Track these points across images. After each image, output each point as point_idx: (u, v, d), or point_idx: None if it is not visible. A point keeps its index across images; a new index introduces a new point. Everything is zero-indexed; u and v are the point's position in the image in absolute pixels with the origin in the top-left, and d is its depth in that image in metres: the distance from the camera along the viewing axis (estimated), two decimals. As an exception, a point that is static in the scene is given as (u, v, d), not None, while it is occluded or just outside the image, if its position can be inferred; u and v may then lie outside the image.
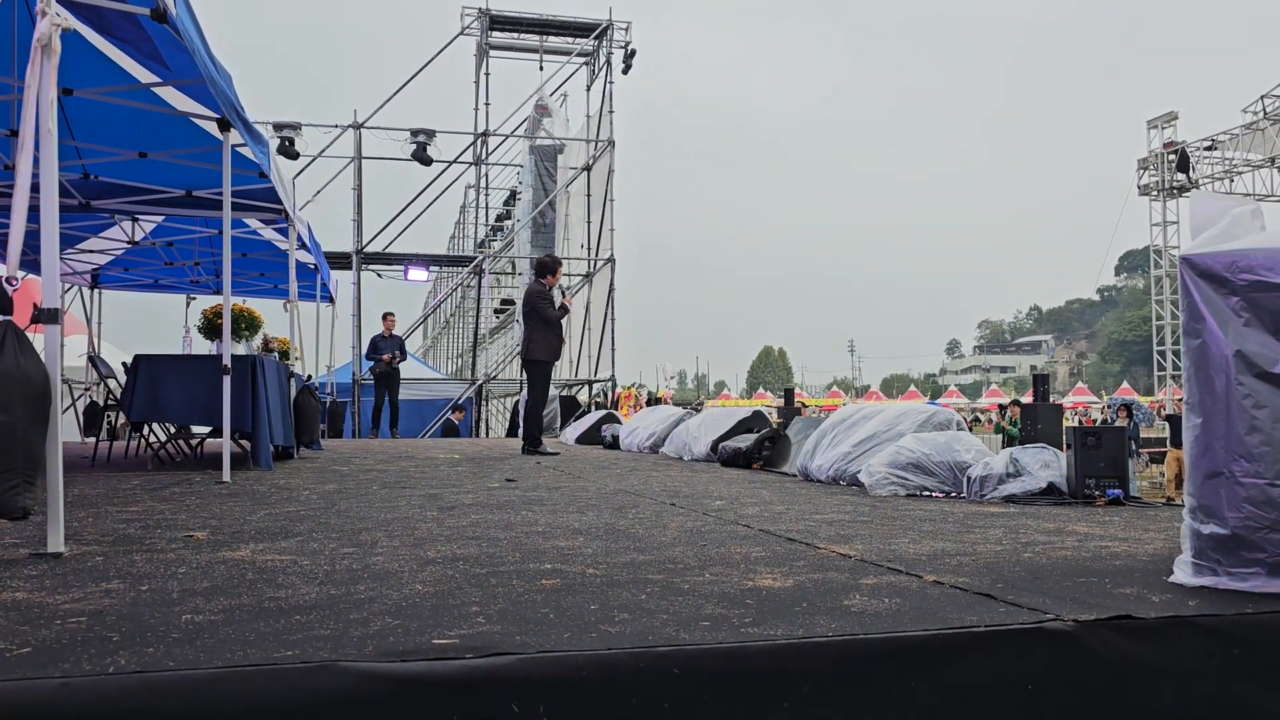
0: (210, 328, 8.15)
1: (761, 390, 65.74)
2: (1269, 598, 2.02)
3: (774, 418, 9.68)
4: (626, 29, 21.33)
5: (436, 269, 22.53)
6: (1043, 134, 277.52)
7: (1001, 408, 23.74)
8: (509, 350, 22.53)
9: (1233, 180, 29.62)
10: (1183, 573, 2.22)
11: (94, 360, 7.93)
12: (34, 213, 2.74)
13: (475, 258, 21.25)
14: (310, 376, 10.42)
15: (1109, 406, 24.46)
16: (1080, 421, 25.92)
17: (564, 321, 9.15)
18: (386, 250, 19.72)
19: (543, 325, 8.73)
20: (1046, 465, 4.57)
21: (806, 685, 1.61)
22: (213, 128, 5.66)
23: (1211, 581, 2.14)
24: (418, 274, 20.13)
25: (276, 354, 8.71)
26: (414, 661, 1.51)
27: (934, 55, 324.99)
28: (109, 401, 7.84)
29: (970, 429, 7.17)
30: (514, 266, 24.65)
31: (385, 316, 14.60)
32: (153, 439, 7.04)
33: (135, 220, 9.28)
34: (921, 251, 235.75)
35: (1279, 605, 1.95)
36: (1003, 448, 6.05)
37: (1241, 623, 1.87)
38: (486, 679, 1.50)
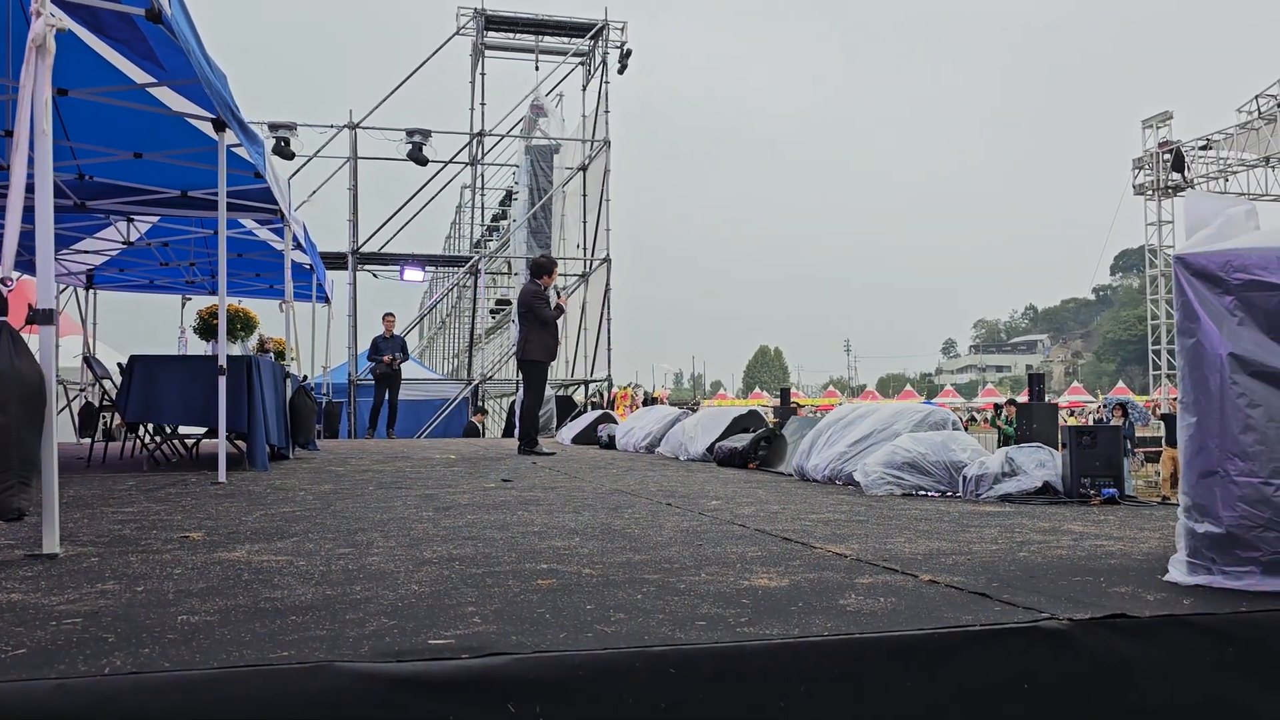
0: (206, 328, 8.11)
1: (758, 390, 65.75)
2: (1263, 596, 2.03)
3: (770, 417, 9.71)
4: (622, 29, 21.35)
5: (432, 269, 22.53)
6: (1040, 134, 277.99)
7: (997, 407, 23.74)
8: (505, 350, 22.52)
9: (1227, 180, 29.64)
10: (1177, 571, 2.23)
11: (89, 361, 7.91)
12: (29, 213, 2.74)
13: (471, 258, 21.24)
14: (306, 377, 10.42)
15: (1104, 406, 24.50)
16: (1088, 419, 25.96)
17: (560, 322, 9.15)
18: (382, 250, 19.72)
19: (538, 326, 8.73)
20: (1042, 465, 4.58)
21: (802, 684, 1.61)
22: (208, 128, 5.65)
23: (1206, 580, 2.15)
24: (413, 274, 20.13)
25: (272, 354, 8.69)
26: (410, 662, 1.51)
27: (931, 56, 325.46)
28: (104, 402, 7.82)
29: (966, 428, 7.18)
30: (510, 266, 24.64)
31: (385, 317, 14.56)
32: (148, 440, 7.03)
33: (130, 221, 9.27)
34: (918, 252, 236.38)
35: (1273, 604, 1.96)
36: (998, 447, 6.06)
37: (1236, 621, 1.88)
38: (482, 679, 1.50)
